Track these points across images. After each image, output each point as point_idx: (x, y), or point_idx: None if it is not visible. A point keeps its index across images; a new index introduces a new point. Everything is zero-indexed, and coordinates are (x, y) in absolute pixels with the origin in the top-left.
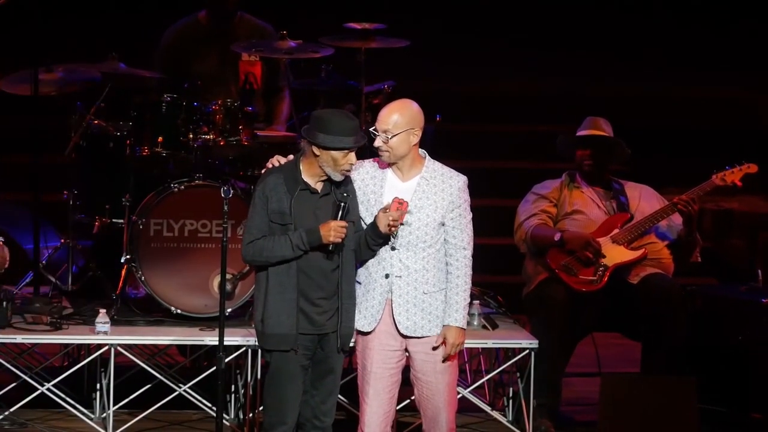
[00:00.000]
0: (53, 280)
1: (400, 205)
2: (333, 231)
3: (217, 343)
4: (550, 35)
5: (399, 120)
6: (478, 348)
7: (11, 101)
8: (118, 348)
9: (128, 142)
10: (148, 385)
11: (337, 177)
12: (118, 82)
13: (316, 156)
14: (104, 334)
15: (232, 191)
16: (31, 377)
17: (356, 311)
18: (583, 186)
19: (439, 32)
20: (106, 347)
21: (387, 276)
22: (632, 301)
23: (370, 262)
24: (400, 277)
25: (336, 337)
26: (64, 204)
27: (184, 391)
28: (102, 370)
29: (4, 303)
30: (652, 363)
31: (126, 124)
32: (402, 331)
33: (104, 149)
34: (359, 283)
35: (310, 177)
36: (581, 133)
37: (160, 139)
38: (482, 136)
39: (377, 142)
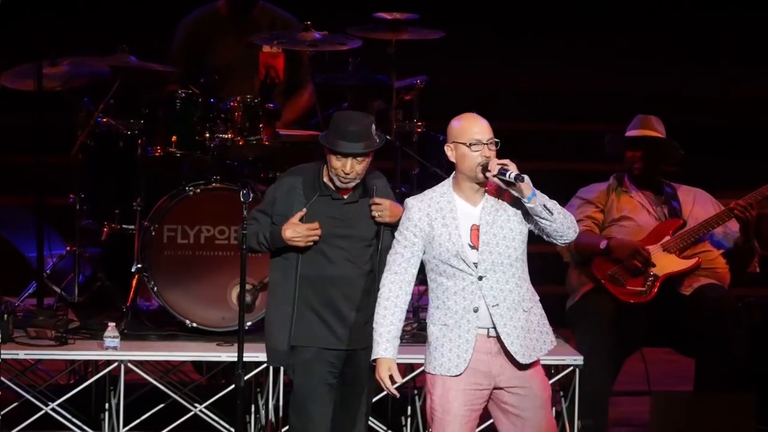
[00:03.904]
0: (58, 291)
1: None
2: (292, 232)
3: (235, 359)
4: (597, 28)
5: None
6: None
7: (13, 97)
8: (129, 365)
9: (139, 141)
10: (161, 405)
11: (337, 182)
12: (129, 76)
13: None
14: (113, 349)
15: (252, 195)
16: (34, 396)
17: (439, 354)
18: (633, 190)
19: (476, 22)
20: (116, 364)
21: (476, 309)
22: (685, 313)
23: (452, 298)
24: (497, 305)
25: (367, 354)
26: (70, 208)
27: (200, 411)
28: (111, 388)
29: (5, 316)
30: (706, 380)
31: (137, 122)
32: (521, 360)
33: (113, 149)
34: (446, 325)
35: (330, 181)
36: (631, 133)
37: (173, 138)
38: (523, 135)
39: (493, 160)
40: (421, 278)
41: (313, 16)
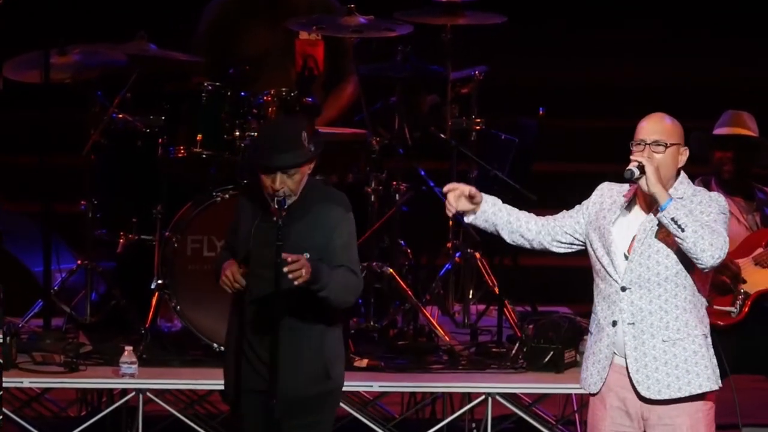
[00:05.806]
0: (67, 310)
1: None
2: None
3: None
4: (675, 14)
5: (675, 129)
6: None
7: (17, 90)
8: (148, 394)
9: (160, 140)
10: None
11: (271, 202)
12: (148, 66)
13: None
14: (130, 376)
15: (287, 202)
16: (40, 430)
17: (584, 366)
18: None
19: (543, 7)
20: (133, 393)
21: (615, 323)
22: None
23: (600, 303)
24: (633, 324)
25: (288, 405)
26: (82, 216)
27: None
28: (128, 421)
29: (8, 338)
30: None
31: (157, 119)
32: (642, 392)
33: (130, 149)
34: (591, 333)
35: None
36: (720, 131)
37: (199, 137)
38: (595, 132)
39: (635, 166)
40: (480, 296)
41: None
